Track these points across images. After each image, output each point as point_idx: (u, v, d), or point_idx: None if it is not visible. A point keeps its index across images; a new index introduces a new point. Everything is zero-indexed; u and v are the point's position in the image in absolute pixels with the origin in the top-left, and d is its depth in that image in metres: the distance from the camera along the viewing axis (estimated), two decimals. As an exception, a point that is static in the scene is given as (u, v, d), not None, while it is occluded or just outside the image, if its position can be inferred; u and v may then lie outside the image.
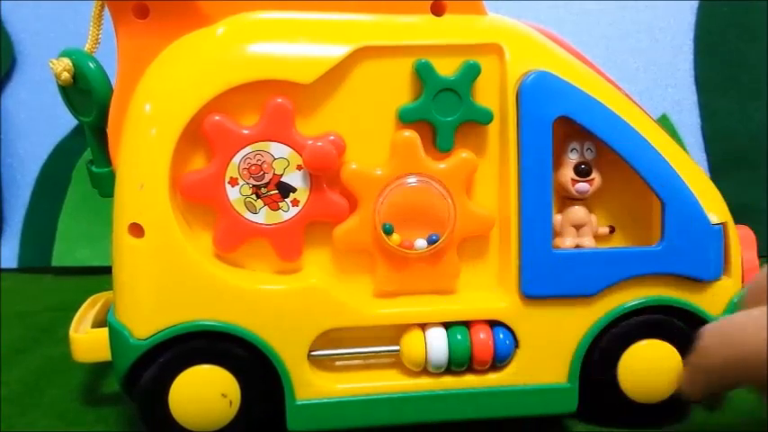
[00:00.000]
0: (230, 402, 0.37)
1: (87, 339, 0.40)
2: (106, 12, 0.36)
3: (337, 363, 0.38)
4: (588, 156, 0.37)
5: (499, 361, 0.37)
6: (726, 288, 0.38)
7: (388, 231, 0.36)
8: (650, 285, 0.38)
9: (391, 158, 0.36)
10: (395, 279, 0.37)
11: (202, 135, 0.35)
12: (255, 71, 0.35)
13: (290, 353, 0.36)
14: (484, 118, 0.36)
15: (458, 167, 0.36)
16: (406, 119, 0.36)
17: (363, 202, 0.36)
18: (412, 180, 0.36)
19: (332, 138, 0.36)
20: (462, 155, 0.37)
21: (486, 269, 0.38)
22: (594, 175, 0.37)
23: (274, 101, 0.35)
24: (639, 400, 0.39)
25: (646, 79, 0.73)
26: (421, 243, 0.37)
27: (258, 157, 0.35)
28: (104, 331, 0.38)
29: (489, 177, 0.38)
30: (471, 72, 0.36)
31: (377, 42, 0.36)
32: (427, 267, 0.37)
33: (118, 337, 0.36)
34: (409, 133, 0.36)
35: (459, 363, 0.37)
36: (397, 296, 0.38)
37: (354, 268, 0.38)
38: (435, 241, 0.37)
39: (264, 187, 0.36)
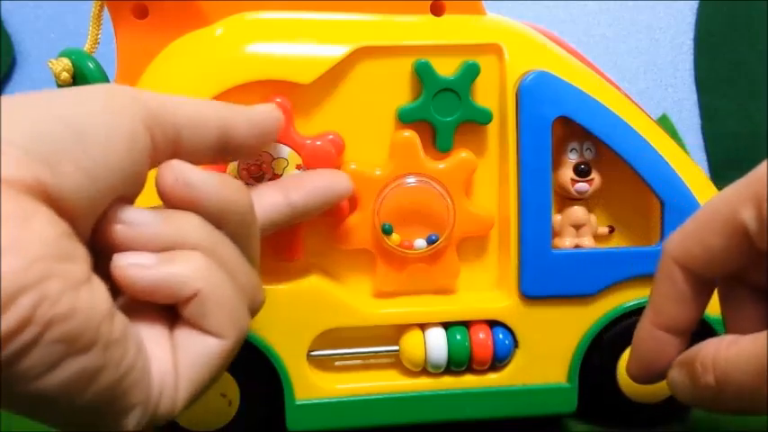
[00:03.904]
0: (230, 402, 0.37)
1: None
2: (106, 12, 0.36)
3: (337, 363, 0.38)
4: (588, 156, 0.37)
5: (498, 361, 0.37)
6: (725, 288, 0.38)
7: (388, 231, 0.36)
8: (650, 285, 0.37)
9: (390, 158, 0.36)
10: (394, 279, 0.37)
11: (202, 135, 0.35)
12: (254, 71, 0.35)
13: (290, 353, 0.36)
14: (483, 118, 0.36)
15: (457, 167, 0.36)
16: (406, 119, 0.36)
17: (363, 202, 0.36)
18: (411, 180, 0.36)
19: (331, 137, 0.36)
20: (462, 155, 0.36)
21: (485, 269, 0.38)
22: (594, 175, 0.37)
23: (273, 101, 0.35)
24: (639, 400, 0.39)
25: (646, 79, 0.73)
26: (420, 243, 0.36)
27: (257, 156, 0.35)
28: (104, 331, 0.38)
29: (489, 177, 0.38)
30: (471, 72, 0.36)
31: (376, 42, 0.35)
32: (427, 267, 0.37)
33: (117, 337, 0.36)
34: (408, 133, 0.36)
35: (458, 363, 0.37)
36: (396, 296, 0.38)
37: (354, 268, 0.38)
38: (435, 241, 0.37)
39: (264, 187, 0.36)
